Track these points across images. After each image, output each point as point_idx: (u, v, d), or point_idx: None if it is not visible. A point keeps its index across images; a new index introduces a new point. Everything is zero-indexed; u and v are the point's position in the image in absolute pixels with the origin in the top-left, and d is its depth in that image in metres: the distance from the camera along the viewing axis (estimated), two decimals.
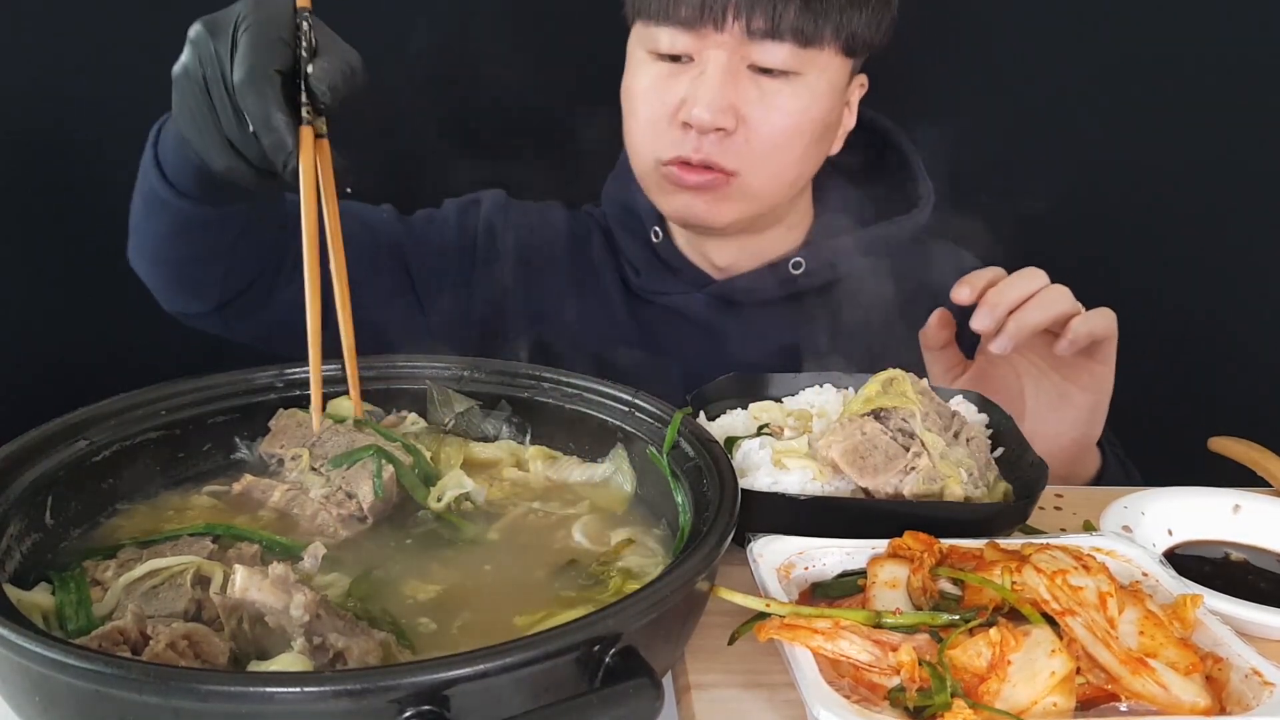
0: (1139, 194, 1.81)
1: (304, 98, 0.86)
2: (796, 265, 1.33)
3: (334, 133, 0.90)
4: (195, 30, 0.88)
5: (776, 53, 1.18)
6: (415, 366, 1.00)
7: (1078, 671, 0.69)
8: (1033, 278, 1.09)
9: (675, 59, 1.21)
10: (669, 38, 1.19)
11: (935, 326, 1.21)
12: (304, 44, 0.86)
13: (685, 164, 1.22)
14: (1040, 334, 1.10)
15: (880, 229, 1.35)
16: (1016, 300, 1.07)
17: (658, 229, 1.36)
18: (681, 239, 1.37)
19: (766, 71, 1.19)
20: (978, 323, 1.07)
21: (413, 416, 0.99)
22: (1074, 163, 1.79)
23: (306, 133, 0.86)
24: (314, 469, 0.89)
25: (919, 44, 1.27)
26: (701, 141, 1.20)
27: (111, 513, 0.86)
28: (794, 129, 1.22)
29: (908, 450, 0.91)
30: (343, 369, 0.94)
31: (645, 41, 1.23)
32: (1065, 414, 1.16)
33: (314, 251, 0.87)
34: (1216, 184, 1.82)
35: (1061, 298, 1.09)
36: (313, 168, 0.86)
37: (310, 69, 0.86)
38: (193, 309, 1.21)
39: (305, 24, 0.87)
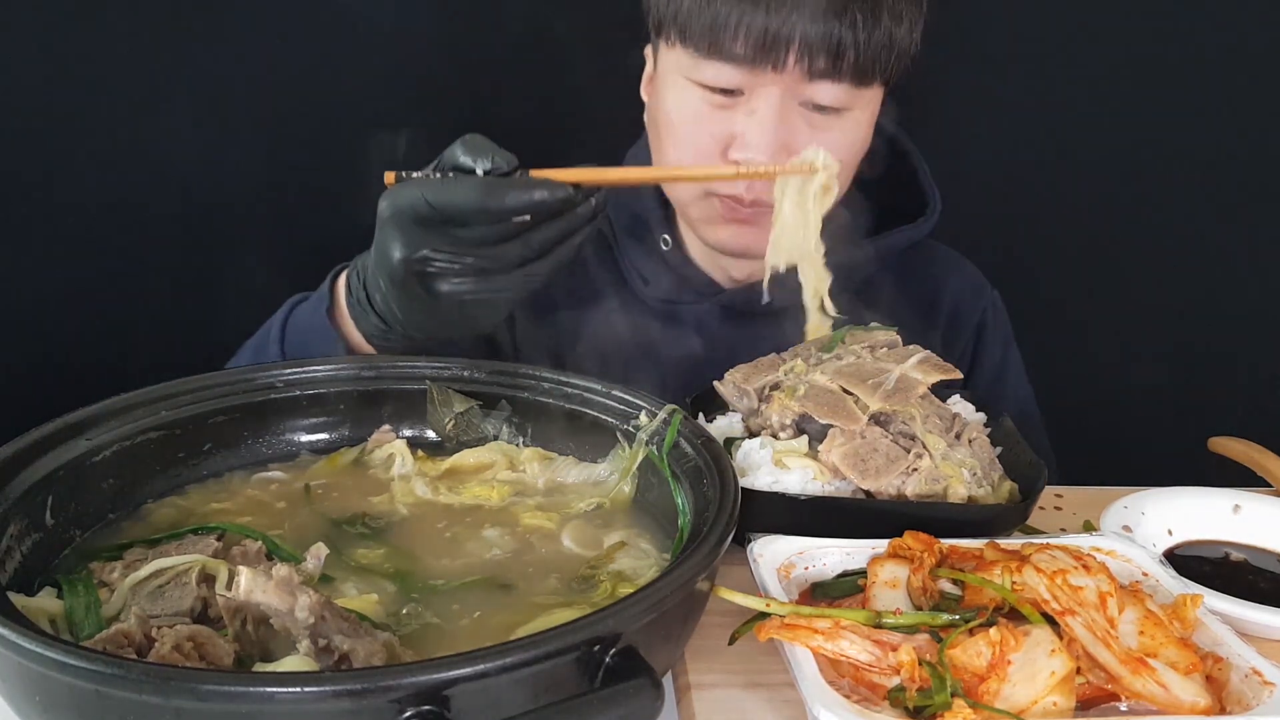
0: (1139, 195, 1.81)
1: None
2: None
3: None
4: (408, 262, 0.93)
5: (832, 92, 1.15)
6: (415, 366, 1.00)
7: (1078, 671, 0.69)
8: None
9: (723, 91, 1.17)
10: (719, 72, 1.15)
11: None
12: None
13: (738, 199, 1.20)
14: None
15: (889, 238, 1.34)
16: None
17: (667, 237, 1.35)
18: (697, 250, 1.36)
19: (818, 108, 1.17)
20: None
21: (398, 449, 0.97)
22: (1074, 166, 1.79)
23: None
24: None
25: (923, 52, 1.26)
26: (753, 182, 1.18)
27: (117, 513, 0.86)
28: (841, 161, 1.21)
29: (909, 452, 0.92)
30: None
31: (688, 69, 1.18)
32: None
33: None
34: (1216, 185, 1.82)
35: None
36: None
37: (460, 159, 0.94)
38: None
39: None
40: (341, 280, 1.07)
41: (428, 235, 0.92)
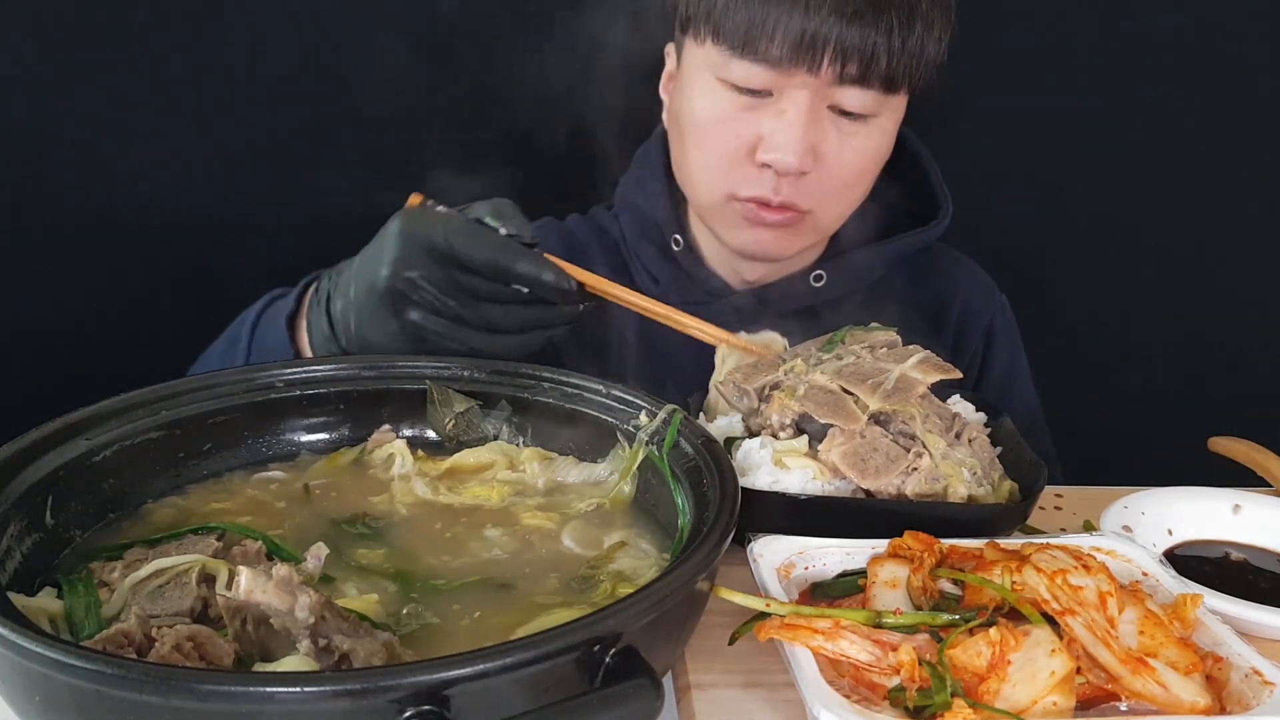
0: (1140, 196, 1.81)
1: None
2: (818, 278, 1.32)
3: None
4: (396, 279, 0.95)
5: (861, 98, 1.15)
6: (415, 366, 1.00)
7: (1078, 671, 0.69)
8: None
9: (751, 92, 1.16)
10: (750, 71, 1.14)
11: None
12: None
13: (764, 203, 1.20)
14: None
15: (899, 242, 1.34)
16: None
17: (678, 237, 1.35)
18: (709, 250, 1.36)
19: (845, 113, 1.17)
20: None
21: (398, 449, 0.97)
22: (1079, 170, 1.80)
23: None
24: None
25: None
26: (780, 183, 1.18)
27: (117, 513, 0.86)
28: (865, 168, 1.22)
29: (909, 452, 0.92)
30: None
31: (716, 67, 1.17)
32: None
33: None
34: (1216, 185, 1.82)
35: None
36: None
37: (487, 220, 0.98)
38: None
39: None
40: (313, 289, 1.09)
41: (428, 264, 0.96)
